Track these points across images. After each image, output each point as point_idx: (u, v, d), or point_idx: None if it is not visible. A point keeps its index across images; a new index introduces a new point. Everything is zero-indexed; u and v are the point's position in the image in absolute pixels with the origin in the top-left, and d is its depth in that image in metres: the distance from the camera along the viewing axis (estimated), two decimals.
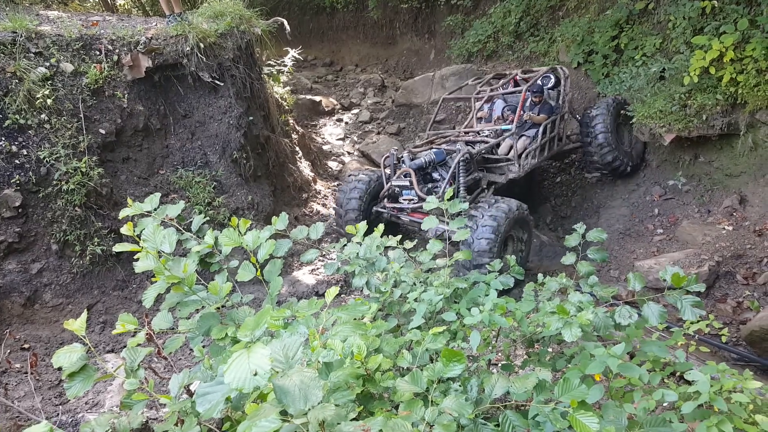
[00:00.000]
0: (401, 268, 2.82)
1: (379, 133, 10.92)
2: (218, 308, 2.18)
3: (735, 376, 2.44)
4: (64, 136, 5.54)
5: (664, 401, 2.20)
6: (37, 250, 5.36)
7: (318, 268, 6.65)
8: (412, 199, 6.42)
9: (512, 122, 7.26)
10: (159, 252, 2.12)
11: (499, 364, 2.66)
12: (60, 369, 2.26)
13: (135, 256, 2.11)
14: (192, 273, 2.09)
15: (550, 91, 7.88)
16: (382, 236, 2.89)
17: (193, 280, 2.10)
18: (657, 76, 7.78)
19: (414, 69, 13.23)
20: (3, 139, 5.23)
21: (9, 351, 4.64)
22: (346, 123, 11.45)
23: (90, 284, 5.59)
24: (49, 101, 5.49)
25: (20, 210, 5.22)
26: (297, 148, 8.96)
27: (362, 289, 2.79)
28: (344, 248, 2.89)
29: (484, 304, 2.41)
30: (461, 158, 6.42)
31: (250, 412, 1.53)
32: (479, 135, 7.43)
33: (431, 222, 2.95)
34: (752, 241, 6.35)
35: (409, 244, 3.07)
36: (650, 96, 7.57)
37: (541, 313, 2.40)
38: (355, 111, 11.83)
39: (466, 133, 7.61)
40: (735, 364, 4.77)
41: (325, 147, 10.41)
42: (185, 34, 6.45)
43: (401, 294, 2.72)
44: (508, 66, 10.57)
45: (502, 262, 2.93)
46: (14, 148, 5.26)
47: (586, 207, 8.53)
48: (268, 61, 8.73)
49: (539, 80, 7.75)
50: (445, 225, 2.91)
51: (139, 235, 2.20)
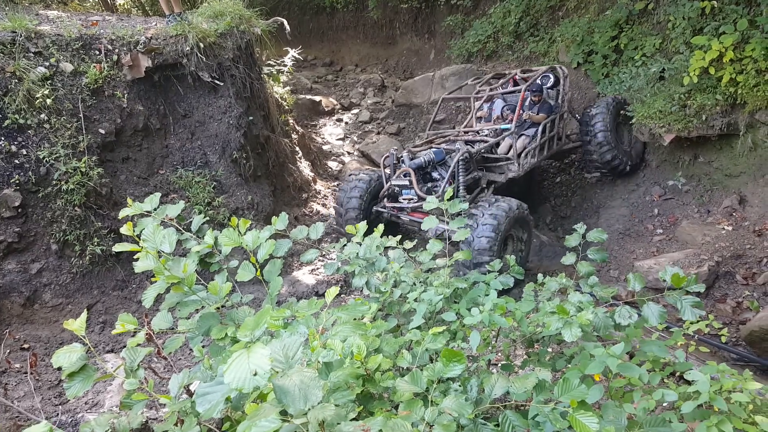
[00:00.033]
0: (401, 268, 2.82)
1: (379, 133, 10.92)
2: (218, 308, 2.18)
3: (735, 376, 2.44)
4: (64, 135, 5.54)
5: (664, 401, 2.21)
6: (36, 250, 5.36)
7: (318, 268, 6.65)
8: (412, 199, 6.43)
9: (511, 121, 7.26)
10: (159, 252, 2.12)
11: (499, 364, 2.66)
12: (60, 369, 2.26)
13: (135, 256, 2.11)
14: (192, 273, 2.10)
15: (550, 91, 7.88)
16: (382, 236, 2.89)
17: (193, 280, 2.11)
18: (657, 77, 7.79)
19: (414, 69, 13.23)
20: (2, 138, 5.23)
21: (9, 351, 4.63)
22: (346, 123, 11.45)
23: (90, 284, 5.59)
24: (49, 101, 5.49)
25: (20, 210, 5.22)
26: (297, 148, 8.96)
27: (362, 289, 2.79)
28: (344, 248, 2.89)
29: (484, 304, 2.41)
30: (460, 157, 6.42)
31: (249, 412, 1.53)
32: (479, 134, 7.43)
33: (431, 222, 2.95)
34: (752, 241, 6.35)
35: (409, 244, 3.07)
36: (650, 96, 7.57)
37: (541, 313, 2.40)
38: (355, 111, 11.83)
39: (466, 133, 7.61)
40: (735, 364, 4.77)
41: (325, 147, 10.41)
42: (185, 33, 6.45)
43: (401, 294, 2.72)
44: (508, 66, 10.57)
45: (502, 262, 2.93)
46: (14, 148, 5.26)
47: (585, 207, 8.53)
48: (268, 61, 8.73)
49: (538, 79, 7.75)
50: (445, 225, 2.91)
51: (138, 235, 2.20)
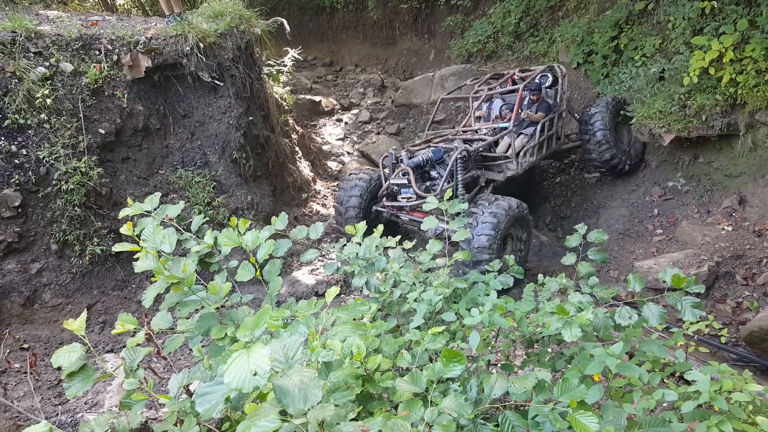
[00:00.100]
0: (401, 268, 2.82)
1: (378, 133, 10.92)
2: (218, 308, 2.18)
3: (735, 376, 2.44)
4: (64, 135, 5.54)
5: (664, 401, 2.21)
6: (36, 250, 5.36)
7: (317, 268, 6.65)
8: (411, 198, 6.44)
9: (510, 120, 7.27)
10: (159, 252, 2.12)
11: (499, 365, 2.66)
12: (59, 369, 2.26)
13: (135, 256, 2.11)
14: (191, 273, 2.09)
15: (548, 90, 7.90)
16: (381, 236, 2.88)
17: (193, 280, 2.10)
18: (656, 77, 7.79)
19: (414, 69, 13.23)
20: (2, 138, 5.23)
21: (8, 351, 4.63)
22: (346, 123, 11.44)
23: (89, 284, 5.59)
24: (49, 101, 5.48)
25: (20, 210, 5.22)
26: (297, 148, 8.96)
27: (362, 289, 2.79)
28: (344, 248, 2.89)
29: (484, 305, 2.41)
30: (458, 155, 6.44)
31: (249, 412, 1.53)
32: (477, 134, 7.44)
33: (431, 222, 2.95)
34: (752, 241, 6.35)
35: (409, 244, 3.07)
36: (650, 96, 7.58)
37: (540, 313, 2.40)
38: (355, 111, 11.83)
39: (464, 132, 7.62)
40: (734, 364, 4.77)
41: (324, 147, 10.41)
42: (185, 34, 6.45)
43: (401, 294, 2.72)
44: (508, 66, 10.57)
45: (501, 262, 2.93)
46: (14, 148, 5.25)
47: (585, 207, 8.53)
48: (268, 61, 8.73)
49: (537, 79, 7.77)
50: (445, 224, 2.91)
51: (138, 235, 2.20)
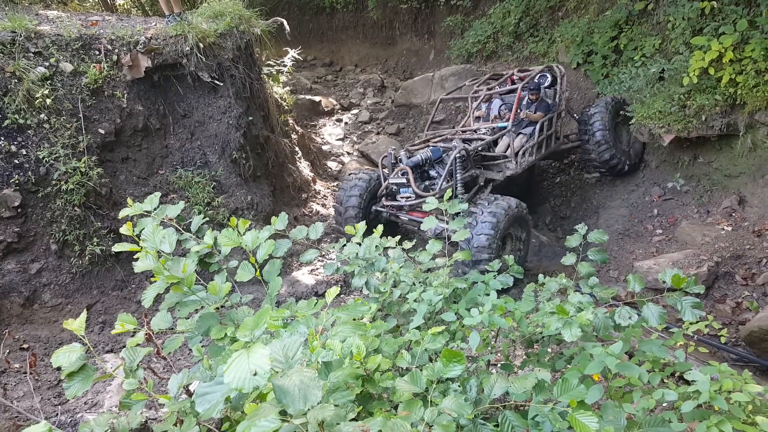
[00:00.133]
0: (400, 268, 2.82)
1: (378, 134, 10.92)
2: (217, 308, 2.18)
3: (734, 376, 2.44)
4: (64, 135, 5.54)
5: (664, 401, 2.20)
6: (36, 250, 5.36)
7: (317, 269, 6.64)
8: (410, 197, 6.45)
9: (508, 120, 7.29)
10: (158, 252, 2.11)
11: (498, 365, 2.66)
12: (59, 369, 2.26)
13: (134, 256, 2.11)
14: (191, 273, 2.09)
15: (547, 90, 7.92)
16: (381, 236, 2.88)
17: (193, 280, 2.10)
18: (656, 77, 7.79)
19: (413, 69, 13.23)
20: (2, 138, 5.22)
21: (8, 351, 4.63)
22: (346, 123, 11.44)
23: (89, 284, 5.59)
24: (49, 101, 5.48)
25: (19, 210, 5.22)
26: (296, 148, 8.96)
27: (362, 290, 2.79)
28: (344, 248, 2.89)
29: (484, 305, 2.41)
30: (457, 154, 6.45)
31: (249, 412, 1.53)
32: (476, 133, 7.46)
33: (431, 222, 2.95)
34: (751, 241, 6.35)
35: (408, 244, 3.07)
36: (649, 96, 7.58)
37: (540, 314, 2.40)
38: (355, 111, 11.83)
39: (464, 132, 7.63)
40: (734, 364, 4.77)
41: (324, 147, 10.41)
42: (185, 34, 6.45)
43: (400, 294, 2.72)
44: (508, 66, 10.57)
45: (501, 262, 2.93)
46: (13, 148, 5.25)
47: (585, 207, 8.54)
48: (268, 61, 8.73)
49: (536, 78, 7.79)
50: (445, 224, 2.91)
51: (138, 235, 2.19)
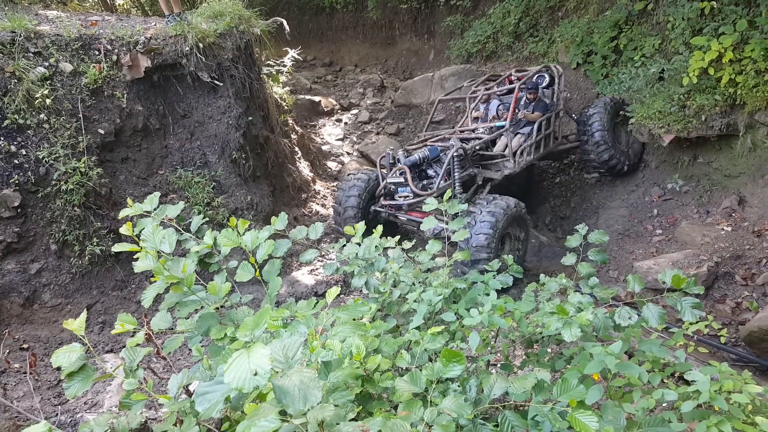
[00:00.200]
0: (400, 268, 2.82)
1: (378, 134, 10.92)
2: (217, 308, 2.18)
3: (734, 376, 2.44)
4: (63, 136, 5.54)
5: (664, 401, 2.20)
6: (36, 250, 5.36)
7: (317, 269, 6.64)
8: (408, 196, 6.46)
9: (507, 119, 7.30)
10: (158, 252, 2.11)
11: (498, 365, 2.66)
12: (59, 369, 2.26)
13: (134, 256, 2.11)
14: (191, 273, 2.09)
15: (545, 90, 7.93)
16: (380, 237, 2.88)
17: (192, 280, 2.10)
18: (656, 77, 7.79)
19: (413, 69, 13.23)
20: (2, 138, 5.22)
21: (8, 351, 4.63)
22: (346, 123, 11.44)
23: (89, 284, 5.59)
24: (48, 101, 5.48)
25: (19, 210, 5.21)
26: (296, 149, 8.96)
27: (361, 290, 2.79)
28: (343, 248, 2.89)
29: (483, 305, 2.41)
30: (455, 153, 6.45)
31: (249, 412, 1.53)
32: (474, 133, 7.47)
33: (430, 222, 2.95)
34: (751, 241, 6.35)
35: (408, 245, 3.07)
36: (649, 97, 7.58)
37: (540, 314, 2.40)
38: (355, 111, 11.83)
39: (462, 132, 7.65)
40: (734, 364, 4.77)
41: (324, 147, 10.41)
42: (184, 34, 6.45)
43: (400, 294, 2.72)
44: (508, 66, 10.57)
45: (500, 262, 2.93)
46: (13, 148, 5.25)
47: (585, 207, 8.54)
48: (268, 61, 8.73)
49: (534, 78, 7.80)
50: (444, 224, 2.91)
51: (138, 235, 2.19)
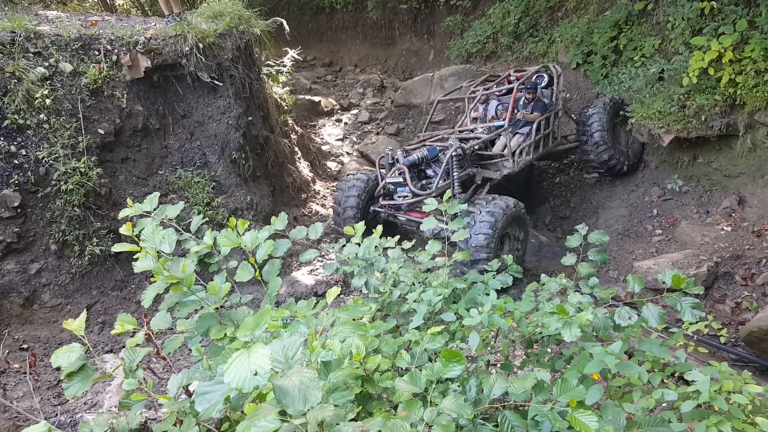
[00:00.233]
0: (400, 268, 2.82)
1: (378, 134, 10.92)
2: (217, 308, 2.18)
3: (734, 376, 2.44)
4: (63, 136, 5.53)
5: (664, 401, 2.20)
6: (35, 251, 5.35)
7: (317, 269, 6.64)
8: (407, 196, 6.47)
9: (505, 119, 7.30)
10: (158, 252, 2.11)
11: (498, 365, 2.66)
12: (59, 369, 2.26)
13: (134, 256, 2.11)
14: (191, 273, 2.09)
15: (544, 90, 7.93)
16: (380, 237, 2.88)
17: (192, 280, 2.10)
18: (656, 77, 7.80)
19: (413, 69, 13.23)
20: (2, 139, 5.22)
21: (8, 351, 4.63)
22: (345, 123, 11.44)
23: (89, 284, 5.58)
24: (48, 101, 5.48)
25: (19, 210, 5.21)
26: (296, 149, 8.96)
27: (361, 290, 2.79)
28: (343, 249, 2.89)
29: (483, 305, 2.41)
30: (453, 153, 6.46)
31: (249, 412, 1.53)
32: (473, 133, 7.47)
33: (430, 223, 2.95)
34: (751, 241, 6.36)
35: (408, 245, 3.07)
36: (649, 97, 7.58)
37: (540, 314, 2.40)
38: (354, 111, 11.83)
39: (461, 132, 7.65)
40: (734, 364, 4.77)
41: (324, 147, 10.41)
42: (184, 34, 6.45)
43: (400, 294, 2.72)
44: (508, 66, 10.57)
45: (500, 262, 2.93)
46: (13, 148, 5.25)
47: (585, 207, 8.54)
48: (267, 62, 8.73)
49: (533, 78, 7.80)
50: (444, 224, 2.91)
51: (138, 235, 2.19)
